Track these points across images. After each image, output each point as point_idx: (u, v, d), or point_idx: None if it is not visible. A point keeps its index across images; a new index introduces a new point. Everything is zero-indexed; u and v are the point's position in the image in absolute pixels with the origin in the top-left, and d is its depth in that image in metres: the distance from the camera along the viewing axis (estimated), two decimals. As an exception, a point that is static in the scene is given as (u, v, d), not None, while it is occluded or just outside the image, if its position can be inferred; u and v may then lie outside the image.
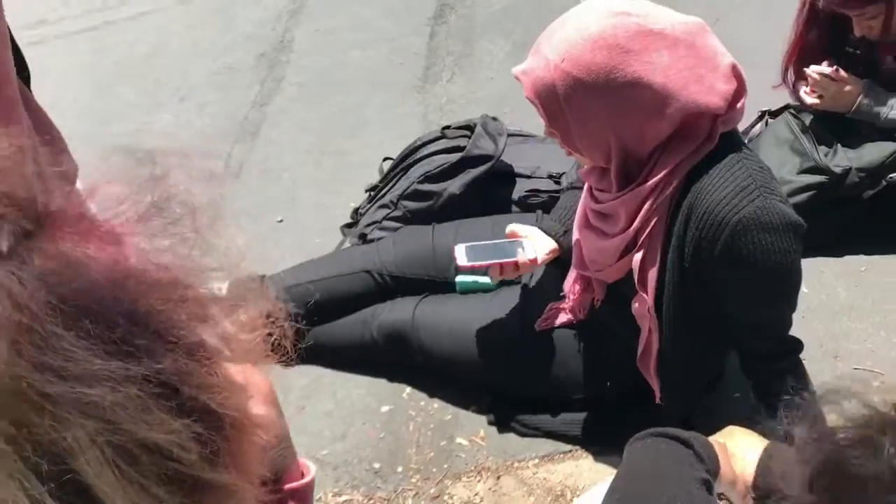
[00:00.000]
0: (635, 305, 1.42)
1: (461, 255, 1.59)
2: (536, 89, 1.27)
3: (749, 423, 1.63)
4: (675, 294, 1.35)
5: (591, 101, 1.22)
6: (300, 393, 1.83)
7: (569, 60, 1.20)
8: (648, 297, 1.37)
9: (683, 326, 1.39)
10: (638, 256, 1.35)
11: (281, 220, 2.33)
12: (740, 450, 1.04)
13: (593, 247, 1.46)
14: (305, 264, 1.92)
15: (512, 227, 1.63)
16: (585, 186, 1.48)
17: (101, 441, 0.42)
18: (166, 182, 0.53)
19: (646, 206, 1.30)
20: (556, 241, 1.63)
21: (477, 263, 1.58)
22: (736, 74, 1.24)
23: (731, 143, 1.27)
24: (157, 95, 2.97)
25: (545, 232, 1.64)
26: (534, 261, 1.56)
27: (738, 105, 1.26)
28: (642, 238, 1.33)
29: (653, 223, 1.31)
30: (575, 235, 1.52)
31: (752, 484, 0.99)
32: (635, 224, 1.32)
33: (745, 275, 1.25)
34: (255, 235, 2.26)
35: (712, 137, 1.25)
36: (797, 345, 1.38)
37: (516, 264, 1.56)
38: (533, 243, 1.59)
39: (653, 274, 1.35)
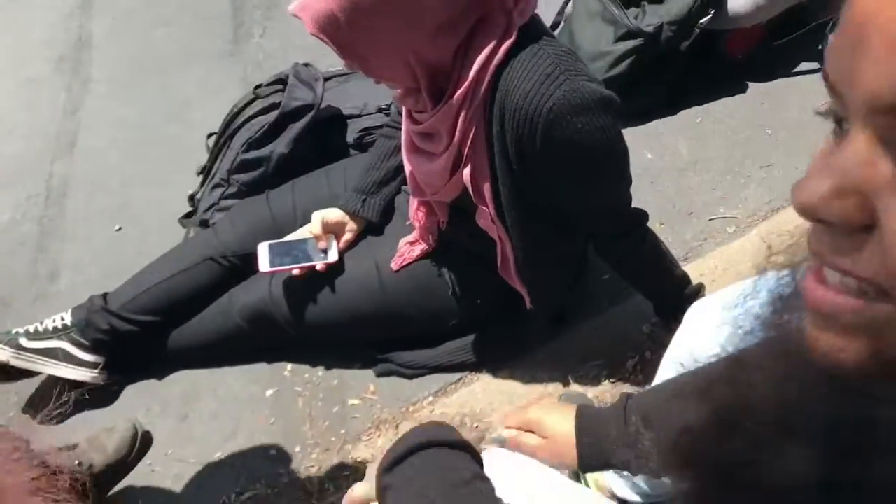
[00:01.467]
0: (479, 219, 1.38)
1: (263, 260, 1.60)
2: (319, 23, 1.16)
3: (620, 301, 1.64)
4: (512, 198, 1.31)
5: (377, 21, 1.13)
6: (179, 401, 1.73)
7: None
8: (489, 208, 1.33)
9: (530, 227, 1.36)
10: (467, 171, 1.30)
11: (119, 229, 2.18)
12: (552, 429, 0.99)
13: (424, 170, 1.40)
14: (146, 269, 1.79)
15: (320, 218, 1.61)
16: (404, 111, 1.41)
17: None
18: None
19: (461, 118, 1.23)
20: (355, 216, 1.62)
21: (279, 269, 1.60)
22: None
23: (531, 34, 1.20)
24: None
25: (344, 211, 1.63)
26: (334, 262, 1.59)
27: None
28: (466, 151, 1.28)
29: (472, 133, 1.25)
30: (405, 162, 1.46)
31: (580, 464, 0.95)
32: (456, 138, 1.26)
33: (570, 160, 1.22)
34: (95, 251, 2.11)
35: (510, 32, 1.18)
36: (640, 216, 1.37)
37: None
38: (334, 238, 1.62)
39: (486, 184, 1.30)
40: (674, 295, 1.43)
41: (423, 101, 1.25)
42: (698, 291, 1.45)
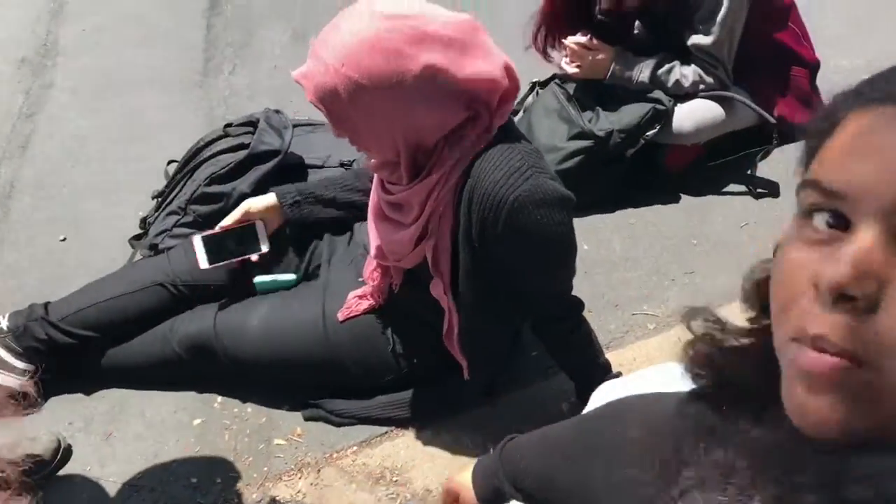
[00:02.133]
0: (433, 288, 1.48)
1: (201, 257, 1.72)
2: (319, 94, 1.27)
3: (546, 378, 1.76)
4: (467, 274, 1.42)
5: (375, 102, 1.24)
6: (104, 419, 1.75)
7: (348, 65, 1.21)
8: (443, 281, 1.44)
9: (479, 303, 1.47)
10: (430, 243, 1.41)
11: (64, 239, 2.19)
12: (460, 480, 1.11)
13: (389, 238, 1.49)
14: (93, 284, 1.82)
15: (246, 206, 1.76)
16: (376, 179, 1.51)
17: None
18: None
19: (433, 196, 1.35)
20: (282, 207, 1.76)
21: (219, 264, 1.73)
22: (509, 73, 1.30)
23: (506, 132, 1.34)
24: None
25: (277, 196, 1.77)
26: (266, 252, 1.76)
27: (511, 101, 1.34)
28: (432, 225, 1.39)
29: (441, 210, 1.37)
30: (371, 227, 1.55)
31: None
32: (425, 213, 1.37)
33: (525, 247, 1.34)
34: (34, 258, 2.11)
35: (490, 129, 1.32)
36: (578, 306, 1.50)
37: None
38: (263, 226, 1.76)
39: (445, 258, 1.42)
40: (595, 379, 1.55)
41: (399, 173, 1.36)
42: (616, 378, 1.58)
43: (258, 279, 1.79)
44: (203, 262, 1.72)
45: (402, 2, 1.26)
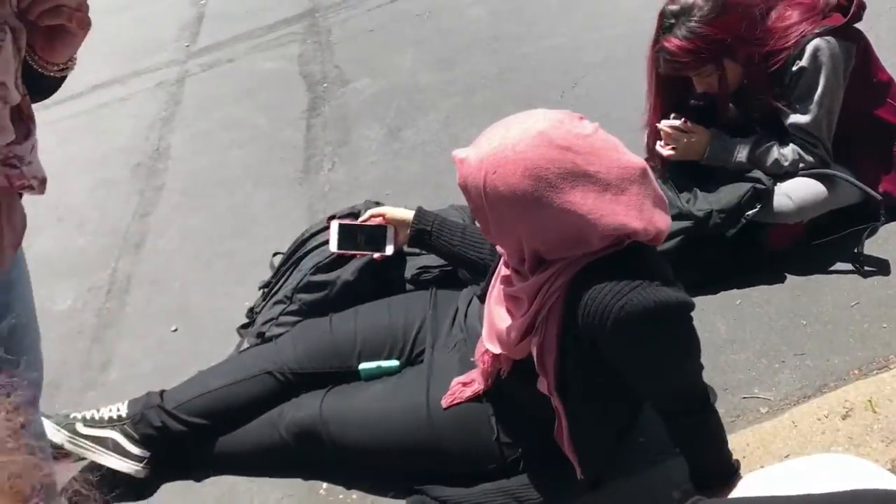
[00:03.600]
0: (539, 385, 1.47)
1: (333, 240, 1.92)
2: (466, 183, 1.33)
3: (654, 465, 1.70)
4: (574, 376, 1.41)
5: (512, 216, 1.29)
6: (209, 507, 1.78)
7: (500, 175, 1.26)
8: (548, 380, 1.43)
9: (588, 403, 1.45)
10: (536, 340, 1.41)
11: (175, 330, 2.29)
12: None
13: (500, 325, 1.51)
14: (204, 373, 1.89)
15: (385, 210, 1.93)
16: (500, 267, 1.54)
17: None
18: None
19: (541, 292, 1.36)
20: (409, 227, 1.87)
21: (346, 252, 1.93)
22: (655, 230, 1.30)
23: (637, 249, 1.32)
24: (34, 218, 2.88)
25: (414, 217, 1.88)
26: (390, 256, 1.92)
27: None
28: (539, 323, 1.39)
29: (548, 308, 1.37)
30: (486, 310, 1.58)
31: None
32: (533, 308, 1.38)
33: (635, 356, 1.32)
34: (149, 348, 2.21)
35: (619, 245, 1.31)
36: (705, 398, 1.43)
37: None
38: (394, 233, 1.93)
39: (550, 357, 1.41)
40: (715, 468, 1.49)
41: (524, 271, 1.39)
42: (737, 468, 1.52)
43: (363, 366, 1.82)
44: (333, 245, 1.93)
45: (581, 128, 1.26)
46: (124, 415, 1.80)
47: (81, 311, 2.42)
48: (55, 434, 1.74)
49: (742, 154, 2.02)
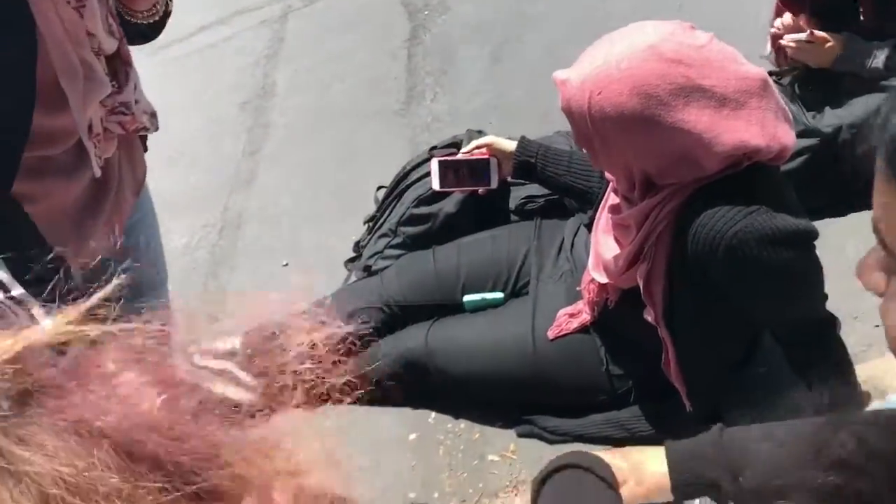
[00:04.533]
0: (646, 315, 1.41)
1: (435, 179, 1.85)
2: (570, 107, 1.27)
3: (773, 398, 1.62)
4: (683, 305, 1.34)
5: (620, 138, 1.22)
6: (329, 433, 1.82)
7: (605, 96, 1.19)
8: (655, 310, 1.37)
9: (698, 335, 1.38)
10: (643, 269, 1.34)
11: (286, 265, 2.34)
12: (636, 461, 1.02)
13: (607, 255, 1.45)
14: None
15: (491, 139, 1.83)
16: (608, 194, 1.48)
17: None
18: None
19: (650, 217, 1.29)
20: (512, 159, 1.77)
21: (449, 189, 1.88)
22: (780, 145, 1.21)
23: (759, 173, 1.23)
24: (150, 156, 2.99)
25: (517, 147, 1.77)
26: (494, 189, 1.84)
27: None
28: (647, 250, 1.32)
29: (656, 234, 1.30)
30: (593, 239, 1.52)
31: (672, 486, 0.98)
32: (641, 235, 1.32)
33: (749, 284, 1.24)
34: (260, 282, 2.27)
35: (737, 166, 1.22)
36: (828, 328, 1.34)
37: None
38: (497, 164, 1.82)
39: (658, 287, 1.34)
40: (841, 399, 1.40)
41: (634, 197, 1.31)
42: (866, 399, 1.42)
43: (467, 298, 1.81)
44: (436, 183, 1.87)
45: (694, 38, 1.17)
46: (238, 347, 1.86)
47: (196, 249, 2.51)
48: (176, 365, 1.82)
49: (879, 59, 1.83)
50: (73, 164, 1.05)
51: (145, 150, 1.30)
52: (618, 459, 1.01)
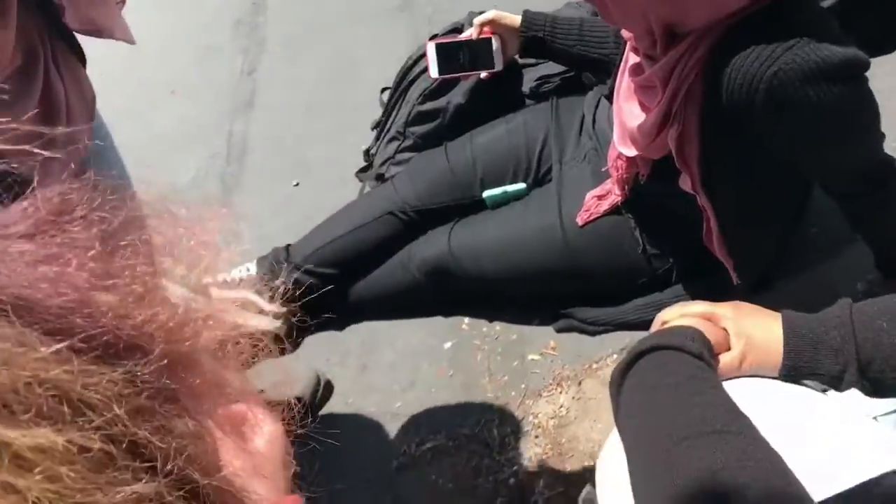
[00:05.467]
0: (682, 183, 1.27)
1: (433, 66, 1.68)
2: None
3: (830, 255, 1.49)
4: (722, 167, 1.20)
5: None
6: (359, 351, 1.76)
7: None
8: (692, 175, 1.23)
9: (741, 197, 1.24)
10: (673, 131, 1.20)
11: (297, 184, 2.24)
12: (751, 330, 0.92)
13: (632, 123, 1.31)
14: (327, 222, 1.82)
15: (494, 15, 1.65)
16: (626, 56, 1.32)
17: None
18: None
19: (676, 71, 1.14)
20: (522, 33, 1.60)
21: (449, 76, 1.71)
22: None
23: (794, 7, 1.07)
24: (148, 94, 2.88)
25: (522, 22, 1.61)
26: (499, 71, 1.65)
27: None
28: (675, 109, 1.18)
29: (685, 90, 1.15)
30: (615, 108, 1.38)
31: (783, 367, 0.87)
32: (667, 94, 1.17)
33: (796, 130, 1.09)
34: (273, 205, 2.18)
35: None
36: (889, 170, 1.18)
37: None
38: (501, 43, 1.65)
39: (693, 148, 1.20)
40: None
41: (656, 54, 1.16)
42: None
43: (487, 193, 1.68)
44: (434, 70, 1.71)
45: None
46: (254, 273, 1.78)
47: (205, 179, 2.42)
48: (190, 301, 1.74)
49: None
50: (12, 96, 0.94)
51: (84, 67, 1.18)
52: (727, 322, 0.94)
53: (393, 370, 1.70)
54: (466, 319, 1.73)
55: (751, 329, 0.92)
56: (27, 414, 0.30)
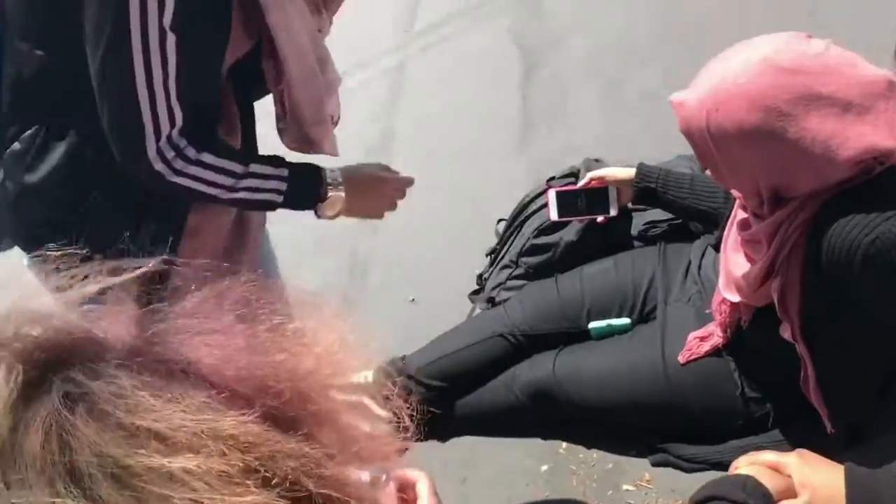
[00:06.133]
0: (783, 331, 1.36)
1: (553, 210, 1.82)
2: (689, 127, 1.27)
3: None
4: (821, 319, 1.29)
5: (743, 153, 1.21)
6: (459, 465, 1.85)
7: (723, 112, 1.18)
8: (792, 325, 1.32)
9: (840, 349, 1.32)
10: (776, 283, 1.30)
11: (413, 300, 2.40)
12: (816, 480, 0.98)
13: (737, 272, 1.41)
14: (440, 338, 1.96)
15: (605, 172, 1.79)
16: (735, 211, 1.45)
17: None
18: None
19: (781, 230, 1.25)
20: (632, 185, 1.74)
21: (567, 219, 1.83)
22: None
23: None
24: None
25: (637, 174, 1.74)
26: (614, 216, 1.79)
27: None
28: (780, 264, 1.28)
29: (789, 247, 1.26)
30: (723, 257, 1.49)
31: None
32: (772, 249, 1.28)
33: (892, 294, 1.18)
34: (390, 318, 2.34)
35: (869, 172, 1.17)
36: None
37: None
38: (616, 192, 1.79)
39: (794, 301, 1.29)
40: None
41: (763, 213, 1.29)
42: None
43: (593, 325, 1.79)
44: (553, 214, 1.85)
45: (810, 46, 1.15)
46: (371, 381, 1.92)
47: (326, 291, 2.61)
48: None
49: None
50: None
51: None
52: (792, 471, 1.00)
53: (490, 486, 1.78)
54: (564, 444, 1.80)
55: (815, 479, 0.98)
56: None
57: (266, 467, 0.44)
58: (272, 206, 1.28)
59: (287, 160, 1.35)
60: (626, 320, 1.78)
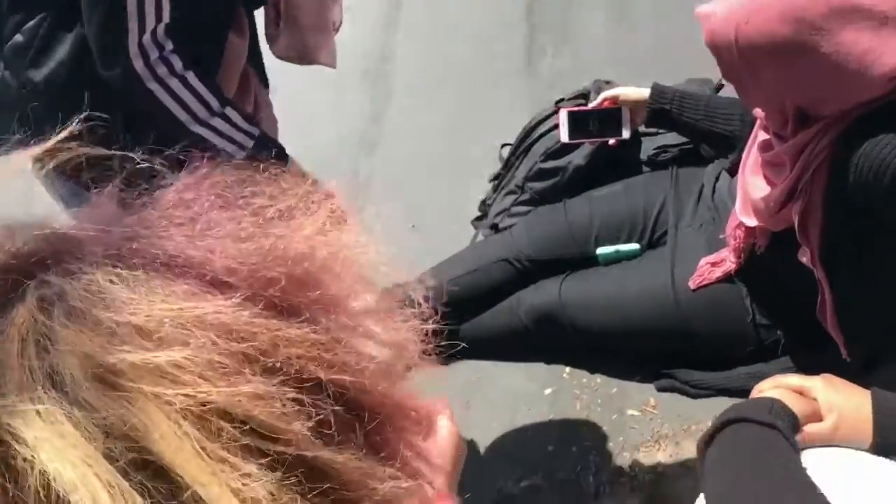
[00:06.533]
0: (801, 256, 1.33)
1: (563, 131, 1.77)
2: (714, 41, 1.21)
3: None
4: (843, 244, 1.25)
5: (771, 69, 1.15)
6: (463, 389, 1.84)
7: (753, 25, 1.12)
8: (811, 250, 1.29)
9: (858, 274, 1.29)
10: (798, 206, 1.26)
11: (413, 227, 2.37)
12: (842, 404, 0.97)
13: (756, 195, 1.38)
14: (443, 264, 1.93)
15: (618, 92, 1.74)
16: (756, 132, 1.40)
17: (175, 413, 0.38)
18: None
19: (806, 151, 1.21)
20: (646, 107, 1.68)
21: (579, 141, 1.80)
22: None
23: None
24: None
25: (651, 95, 1.69)
26: (626, 139, 1.74)
27: None
28: (801, 186, 1.25)
29: (812, 169, 1.22)
30: (740, 180, 1.45)
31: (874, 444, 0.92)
32: (796, 170, 1.24)
33: None
34: (389, 243, 2.30)
35: None
36: None
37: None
38: (629, 114, 1.74)
39: (815, 225, 1.26)
40: None
41: (787, 134, 1.24)
42: None
43: (601, 250, 1.76)
44: (564, 135, 1.80)
45: None
46: (372, 304, 1.89)
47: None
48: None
49: None
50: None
51: None
52: (818, 394, 0.99)
53: (493, 409, 1.77)
54: (567, 368, 1.79)
55: (841, 403, 0.97)
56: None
57: (266, 355, 0.41)
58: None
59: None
60: (634, 246, 1.75)
